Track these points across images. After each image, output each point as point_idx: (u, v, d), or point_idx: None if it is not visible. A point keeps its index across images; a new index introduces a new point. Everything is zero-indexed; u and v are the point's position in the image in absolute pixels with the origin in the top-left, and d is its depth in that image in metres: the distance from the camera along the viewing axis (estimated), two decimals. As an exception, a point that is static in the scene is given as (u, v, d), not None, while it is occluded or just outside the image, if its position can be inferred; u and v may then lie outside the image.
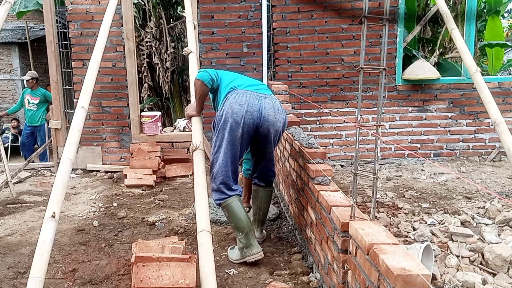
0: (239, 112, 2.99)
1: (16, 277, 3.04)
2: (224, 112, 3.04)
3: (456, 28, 4.50)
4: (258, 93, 3.10)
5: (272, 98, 3.17)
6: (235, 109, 3.00)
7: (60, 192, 2.32)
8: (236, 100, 3.02)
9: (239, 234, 3.13)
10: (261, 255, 3.13)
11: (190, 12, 4.47)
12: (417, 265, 1.70)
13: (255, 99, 3.04)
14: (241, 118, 3.00)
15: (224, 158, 3.08)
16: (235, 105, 3.00)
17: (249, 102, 3.02)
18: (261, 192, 3.43)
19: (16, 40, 11.52)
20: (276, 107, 3.13)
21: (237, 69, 5.60)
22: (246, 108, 3.00)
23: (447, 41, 6.90)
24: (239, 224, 3.11)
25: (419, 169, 5.37)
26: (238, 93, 3.05)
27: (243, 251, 3.13)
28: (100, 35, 3.55)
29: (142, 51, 7.56)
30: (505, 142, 3.49)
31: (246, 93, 3.05)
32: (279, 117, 3.12)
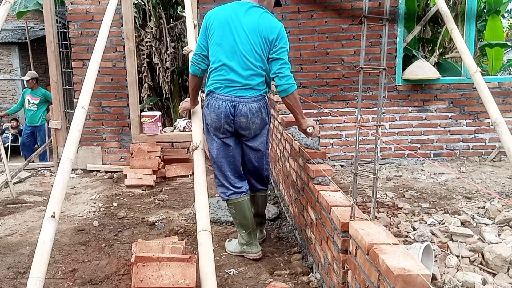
0: (217, 121, 3.04)
1: (16, 277, 3.04)
2: (205, 118, 3.14)
3: (456, 28, 4.51)
4: (234, 97, 2.98)
5: (248, 102, 3.00)
6: (213, 118, 3.04)
7: (60, 192, 2.32)
8: (213, 109, 3.03)
9: (242, 232, 3.20)
10: (259, 255, 3.20)
11: (190, 12, 4.47)
12: (417, 265, 1.70)
13: (230, 107, 2.99)
14: (220, 127, 3.05)
15: (221, 157, 3.14)
16: (213, 114, 3.04)
17: (224, 112, 3.00)
18: (257, 198, 3.39)
19: (16, 40, 11.53)
20: (251, 112, 3.01)
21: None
22: (223, 119, 3.01)
23: (447, 41, 6.90)
24: (244, 223, 3.17)
25: (419, 169, 5.37)
26: (215, 101, 3.02)
27: (243, 247, 3.23)
28: (100, 35, 3.55)
29: (142, 51, 7.56)
30: (505, 142, 3.49)
31: (222, 100, 2.99)
32: (254, 120, 3.04)
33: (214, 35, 3.00)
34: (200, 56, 3.07)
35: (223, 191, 3.18)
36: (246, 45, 2.95)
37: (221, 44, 2.98)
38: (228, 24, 2.97)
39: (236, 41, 2.95)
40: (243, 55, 2.95)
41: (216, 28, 2.99)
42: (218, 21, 3.00)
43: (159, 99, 7.99)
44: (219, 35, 2.98)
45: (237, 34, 2.95)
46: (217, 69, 3.01)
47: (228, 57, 2.97)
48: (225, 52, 2.97)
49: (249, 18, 2.97)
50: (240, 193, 3.16)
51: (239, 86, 2.98)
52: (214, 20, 3.01)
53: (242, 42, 2.95)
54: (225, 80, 2.99)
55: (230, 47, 2.96)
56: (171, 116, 8.01)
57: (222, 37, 2.97)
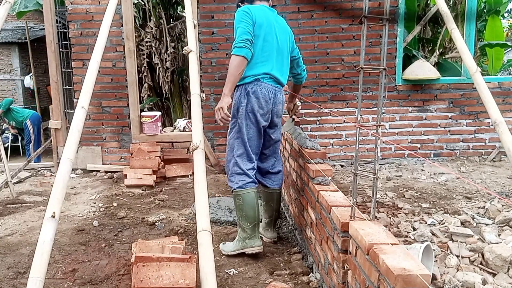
0: (265, 107, 3.19)
1: (16, 277, 3.04)
2: (252, 103, 3.17)
3: (456, 28, 4.50)
4: (274, 86, 3.25)
5: (282, 92, 3.37)
6: (262, 104, 3.18)
7: (60, 192, 2.32)
8: (263, 96, 3.18)
9: (247, 225, 3.18)
10: (261, 248, 3.21)
11: (190, 12, 4.46)
12: (417, 265, 1.70)
13: (274, 95, 3.24)
14: (265, 113, 3.21)
15: (247, 146, 3.21)
16: (262, 100, 3.17)
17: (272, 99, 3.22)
18: (275, 195, 3.46)
19: (16, 40, 11.52)
20: (284, 101, 3.40)
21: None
22: (271, 106, 3.22)
23: (447, 41, 6.90)
24: (250, 215, 3.18)
25: (419, 169, 5.37)
26: (263, 87, 3.19)
27: (245, 242, 3.20)
28: (100, 35, 3.55)
29: (142, 51, 7.56)
30: (505, 142, 3.48)
31: (268, 87, 3.20)
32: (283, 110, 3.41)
33: (260, 29, 3.18)
34: (250, 41, 3.12)
35: (242, 179, 3.19)
36: (283, 46, 3.31)
37: (267, 40, 3.21)
38: (270, 24, 3.25)
39: (278, 41, 3.26)
40: (282, 54, 3.30)
41: (261, 24, 3.19)
42: (262, 18, 3.21)
43: (159, 99, 7.99)
44: (264, 31, 3.20)
45: (278, 35, 3.27)
46: (263, 62, 3.19)
47: (272, 53, 3.23)
48: (271, 48, 3.22)
49: (280, 22, 3.36)
50: (254, 183, 3.24)
51: (277, 80, 3.26)
52: (258, 16, 3.20)
53: (282, 43, 3.29)
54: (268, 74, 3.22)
55: (274, 45, 3.24)
56: (171, 116, 8.00)
57: (268, 34, 3.21)
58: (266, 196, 3.48)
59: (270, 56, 3.22)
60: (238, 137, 3.22)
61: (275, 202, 3.47)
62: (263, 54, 3.20)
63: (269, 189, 3.45)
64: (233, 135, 3.25)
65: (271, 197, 3.45)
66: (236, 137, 3.23)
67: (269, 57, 3.21)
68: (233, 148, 3.24)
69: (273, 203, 3.46)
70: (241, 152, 3.22)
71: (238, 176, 3.20)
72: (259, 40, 3.18)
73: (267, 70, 3.20)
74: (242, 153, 3.22)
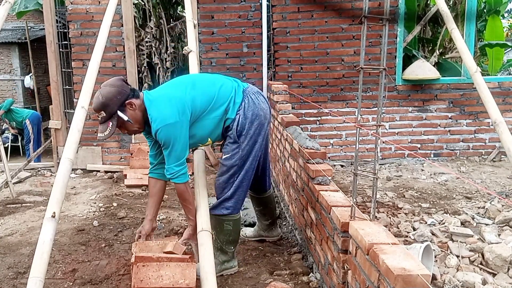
0: (267, 114, 2.91)
1: (16, 277, 3.04)
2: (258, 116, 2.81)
3: (456, 28, 4.50)
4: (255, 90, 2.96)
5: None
6: (265, 110, 2.88)
7: (60, 192, 2.32)
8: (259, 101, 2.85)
9: (231, 248, 3.01)
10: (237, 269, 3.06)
11: (190, 11, 4.47)
12: (417, 265, 1.70)
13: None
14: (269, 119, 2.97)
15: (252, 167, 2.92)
16: (263, 105, 2.87)
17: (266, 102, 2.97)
18: (272, 196, 3.46)
19: (16, 40, 11.52)
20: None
21: (237, 69, 5.61)
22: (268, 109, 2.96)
23: (447, 41, 6.89)
24: (237, 239, 3.07)
25: (419, 169, 5.37)
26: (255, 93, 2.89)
27: (224, 265, 3.01)
28: (100, 35, 3.55)
29: (142, 51, 7.55)
30: (505, 142, 3.48)
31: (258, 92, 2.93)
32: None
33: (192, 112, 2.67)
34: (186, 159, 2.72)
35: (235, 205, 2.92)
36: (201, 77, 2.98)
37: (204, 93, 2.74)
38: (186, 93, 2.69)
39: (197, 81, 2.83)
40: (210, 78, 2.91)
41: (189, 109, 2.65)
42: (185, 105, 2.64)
43: (159, 99, 7.97)
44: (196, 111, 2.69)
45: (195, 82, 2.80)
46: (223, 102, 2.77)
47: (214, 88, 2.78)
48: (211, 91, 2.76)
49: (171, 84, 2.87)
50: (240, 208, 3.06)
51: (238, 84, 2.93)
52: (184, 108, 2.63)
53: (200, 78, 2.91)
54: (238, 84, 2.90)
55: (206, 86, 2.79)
56: (171, 116, 7.99)
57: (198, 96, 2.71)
58: (264, 201, 3.40)
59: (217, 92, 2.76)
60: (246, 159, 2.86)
61: (274, 203, 3.50)
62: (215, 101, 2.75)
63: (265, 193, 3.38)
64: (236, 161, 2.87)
65: (268, 201, 3.42)
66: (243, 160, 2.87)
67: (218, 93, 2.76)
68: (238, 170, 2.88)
69: (272, 204, 3.48)
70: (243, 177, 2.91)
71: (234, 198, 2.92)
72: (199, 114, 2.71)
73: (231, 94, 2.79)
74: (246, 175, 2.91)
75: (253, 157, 2.89)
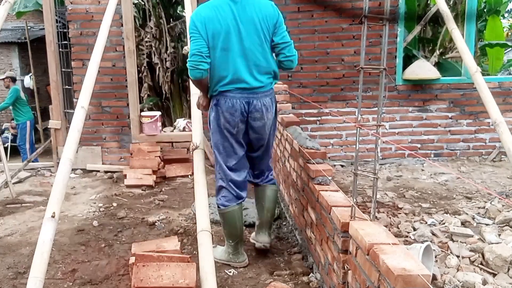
0: (231, 121, 2.94)
1: (16, 277, 3.04)
2: (217, 119, 2.97)
3: (456, 28, 4.51)
4: (248, 94, 2.92)
5: (261, 97, 2.97)
6: (227, 117, 2.93)
7: (60, 192, 2.32)
8: (227, 108, 2.92)
9: (229, 241, 3.12)
10: (246, 263, 3.14)
11: (190, 11, 4.47)
12: (418, 265, 1.69)
13: (245, 104, 2.93)
14: (234, 126, 2.96)
15: (224, 163, 3.05)
16: (226, 113, 2.93)
17: (240, 110, 2.92)
18: (267, 191, 3.25)
19: (16, 40, 11.51)
20: (265, 107, 2.99)
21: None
22: (239, 117, 2.93)
23: (447, 41, 6.90)
24: (232, 233, 3.10)
25: (419, 169, 5.37)
26: (227, 100, 2.91)
27: (230, 256, 3.14)
28: (100, 35, 3.55)
29: (142, 51, 7.56)
30: (505, 142, 3.49)
31: (235, 98, 2.91)
32: (267, 115, 3.02)
33: (216, 39, 2.82)
34: (201, 56, 2.80)
35: (224, 195, 3.06)
36: (252, 44, 2.86)
37: (226, 49, 2.84)
38: (229, 25, 2.81)
39: (243, 41, 2.84)
40: (251, 56, 2.88)
41: (217, 32, 2.81)
42: (217, 23, 2.81)
43: (159, 99, 7.99)
44: (222, 40, 2.82)
45: (241, 33, 2.83)
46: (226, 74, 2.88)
47: (235, 59, 2.86)
48: (232, 55, 2.85)
49: (246, 12, 2.84)
50: (237, 199, 3.07)
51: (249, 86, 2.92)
52: (211, 23, 2.81)
53: (248, 41, 2.85)
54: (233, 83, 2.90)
55: (236, 49, 2.85)
56: (171, 116, 8.01)
57: (226, 41, 2.83)
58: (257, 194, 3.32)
59: (233, 64, 2.86)
60: (215, 151, 3.07)
61: (266, 201, 3.24)
62: (224, 65, 2.87)
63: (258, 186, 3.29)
64: (213, 150, 3.12)
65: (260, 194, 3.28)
66: (214, 152, 3.09)
67: (233, 65, 2.86)
68: (216, 163, 3.12)
69: (263, 201, 3.24)
70: (222, 167, 3.05)
71: (221, 191, 3.07)
72: (216, 51, 2.84)
73: (230, 82, 2.89)
74: (222, 168, 3.05)
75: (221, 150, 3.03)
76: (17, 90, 8.36)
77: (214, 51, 2.84)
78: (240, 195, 3.08)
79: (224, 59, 2.86)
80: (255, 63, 2.90)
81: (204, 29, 2.81)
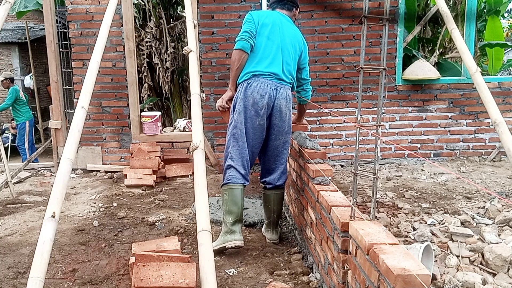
0: (259, 102, 3.20)
1: (16, 277, 3.04)
2: (246, 99, 3.21)
3: (456, 28, 4.50)
4: (276, 83, 3.25)
5: (286, 88, 3.33)
6: (257, 99, 3.20)
7: (60, 192, 2.32)
8: (258, 90, 3.20)
9: (229, 219, 3.24)
10: (241, 242, 3.23)
11: (190, 11, 4.46)
12: (417, 265, 1.70)
13: (273, 90, 3.24)
14: (261, 108, 3.22)
15: (241, 142, 3.24)
16: (256, 94, 3.20)
17: (269, 94, 3.22)
18: (272, 196, 3.46)
19: (16, 40, 11.52)
20: (288, 98, 3.33)
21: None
22: (267, 100, 3.21)
23: (447, 41, 6.90)
24: (233, 210, 3.24)
25: (419, 169, 5.37)
26: (260, 82, 3.21)
27: (226, 236, 3.23)
28: (100, 35, 3.54)
29: (142, 51, 7.56)
30: (505, 142, 3.48)
31: (266, 82, 3.22)
32: (289, 106, 3.34)
33: (264, 28, 3.29)
34: (250, 34, 3.24)
35: (232, 174, 3.24)
36: (288, 47, 3.33)
37: (271, 39, 3.29)
38: (276, 25, 3.34)
39: (282, 41, 3.31)
40: (287, 53, 3.32)
41: (267, 24, 3.31)
42: (268, 19, 3.34)
43: (159, 99, 7.99)
44: (269, 30, 3.29)
45: (283, 36, 3.33)
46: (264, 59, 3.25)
47: (275, 51, 3.28)
48: (273, 46, 3.28)
49: (290, 28, 3.41)
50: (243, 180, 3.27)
51: (278, 77, 3.27)
52: (265, 18, 3.34)
53: (286, 43, 3.33)
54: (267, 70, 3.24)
55: (277, 43, 3.29)
56: (171, 116, 8.01)
57: (272, 33, 3.30)
58: (264, 198, 3.54)
59: (272, 53, 3.27)
60: (233, 133, 3.26)
61: (272, 204, 3.46)
62: (265, 52, 3.27)
63: (265, 191, 3.49)
64: (229, 131, 3.30)
65: (266, 199, 3.49)
66: (231, 134, 3.28)
67: (271, 55, 3.27)
68: (229, 144, 3.30)
69: (270, 204, 3.47)
70: (235, 148, 3.25)
71: (229, 170, 3.27)
72: (263, 38, 3.28)
73: (266, 66, 3.25)
74: (235, 149, 3.25)
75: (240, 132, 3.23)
76: (17, 91, 8.36)
77: (260, 37, 3.28)
78: (245, 177, 3.29)
79: (267, 46, 3.28)
80: (286, 62, 3.33)
81: (258, 19, 3.33)
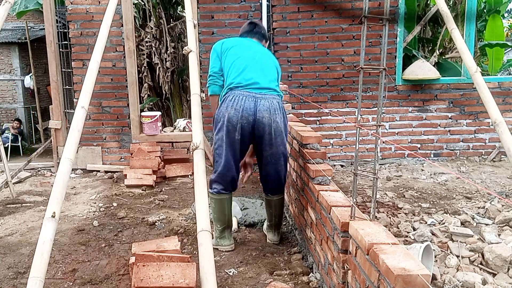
0: (234, 117, 3.11)
1: (16, 277, 3.04)
2: (221, 115, 3.16)
3: (456, 28, 4.49)
4: (256, 93, 3.12)
5: (270, 98, 3.15)
6: (231, 113, 3.11)
7: (60, 192, 2.32)
8: (232, 104, 3.11)
9: (217, 226, 3.37)
10: (232, 247, 3.38)
11: (190, 11, 4.46)
12: (417, 265, 1.70)
13: (251, 102, 3.10)
14: (237, 123, 3.12)
15: (225, 157, 3.22)
16: (231, 109, 3.11)
17: (244, 106, 3.09)
18: (274, 202, 3.46)
19: (16, 40, 11.51)
20: (273, 108, 3.14)
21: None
22: (241, 113, 3.09)
23: (447, 41, 6.90)
24: (220, 218, 3.35)
25: (419, 169, 5.37)
26: (235, 96, 3.12)
27: (217, 240, 3.38)
28: (100, 35, 3.54)
29: (142, 51, 7.56)
30: (505, 142, 3.48)
31: (242, 95, 3.11)
32: (275, 117, 3.14)
33: (230, 50, 3.27)
34: (216, 76, 3.29)
35: (213, 188, 3.32)
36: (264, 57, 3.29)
37: (240, 56, 3.23)
38: (244, 44, 3.33)
39: (255, 52, 3.28)
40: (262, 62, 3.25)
41: (231, 46, 3.29)
42: (233, 42, 3.35)
43: (159, 99, 7.99)
44: (234, 51, 3.26)
45: (254, 52, 3.29)
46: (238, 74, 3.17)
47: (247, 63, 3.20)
48: (245, 60, 3.21)
49: (261, 47, 3.39)
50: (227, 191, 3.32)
51: (259, 86, 3.15)
52: (229, 42, 3.34)
53: (259, 54, 3.29)
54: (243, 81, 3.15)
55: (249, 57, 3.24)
56: (171, 116, 8.01)
57: (240, 51, 3.26)
58: (265, 202, 3.57)
59: (245, 63, 3.20)
60: (216, 150, 3.26)
61: (273, 209, 3.47)
62: (236, 68, 3.19)
63: (266, 196, 3.49)
64: (212, 148, 3.35)
65: (268, 204, 3.51)
66: (214, 150, 3.29)
67: (244, 64, 3.19)
68: (215, 157, 3.30)
69: (271, 209, 3.48)
70: (219, 164, 3.24)
71: (214, 184, 3.32)
72: (229, 59, 3.24)
73: (240, 75, 3.16)
74: (220, 166, 3.24)
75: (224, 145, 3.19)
76: None
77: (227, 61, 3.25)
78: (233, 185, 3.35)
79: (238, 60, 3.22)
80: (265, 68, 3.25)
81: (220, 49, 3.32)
